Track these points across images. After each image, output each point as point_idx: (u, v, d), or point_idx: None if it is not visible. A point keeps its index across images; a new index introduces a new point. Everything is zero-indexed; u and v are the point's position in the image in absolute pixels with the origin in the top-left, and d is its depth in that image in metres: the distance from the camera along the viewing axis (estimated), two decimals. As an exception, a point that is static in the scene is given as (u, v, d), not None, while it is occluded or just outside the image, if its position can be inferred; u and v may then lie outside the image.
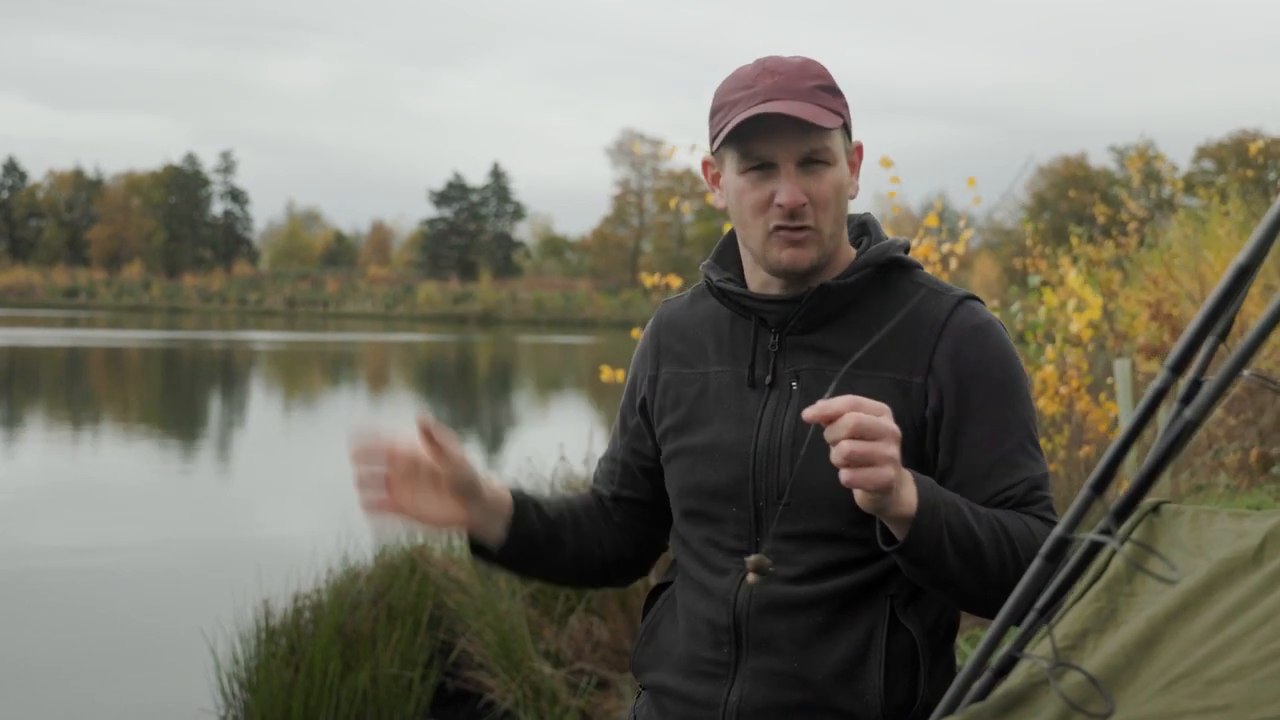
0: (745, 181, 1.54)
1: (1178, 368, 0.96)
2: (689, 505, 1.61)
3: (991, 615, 1.49)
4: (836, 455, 1.32)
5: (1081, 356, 7.11)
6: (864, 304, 1.57)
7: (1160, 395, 0.98)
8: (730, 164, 1.55)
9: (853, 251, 1.62)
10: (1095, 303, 7.17)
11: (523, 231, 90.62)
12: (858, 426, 1.30)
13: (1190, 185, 13.53)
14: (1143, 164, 12.50)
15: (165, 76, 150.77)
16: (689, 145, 6.16)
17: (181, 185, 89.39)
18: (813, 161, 1.51)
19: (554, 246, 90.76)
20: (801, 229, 1.52)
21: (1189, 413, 0.94)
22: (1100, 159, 62.24)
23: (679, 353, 1.66)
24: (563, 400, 25.09)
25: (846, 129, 1.55)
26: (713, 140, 1.56)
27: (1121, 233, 12.05)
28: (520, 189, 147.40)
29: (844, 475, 1.32)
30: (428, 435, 1.49)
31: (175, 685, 6.24)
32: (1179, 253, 11.07)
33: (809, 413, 1.34)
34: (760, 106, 1.49)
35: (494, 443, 17.26)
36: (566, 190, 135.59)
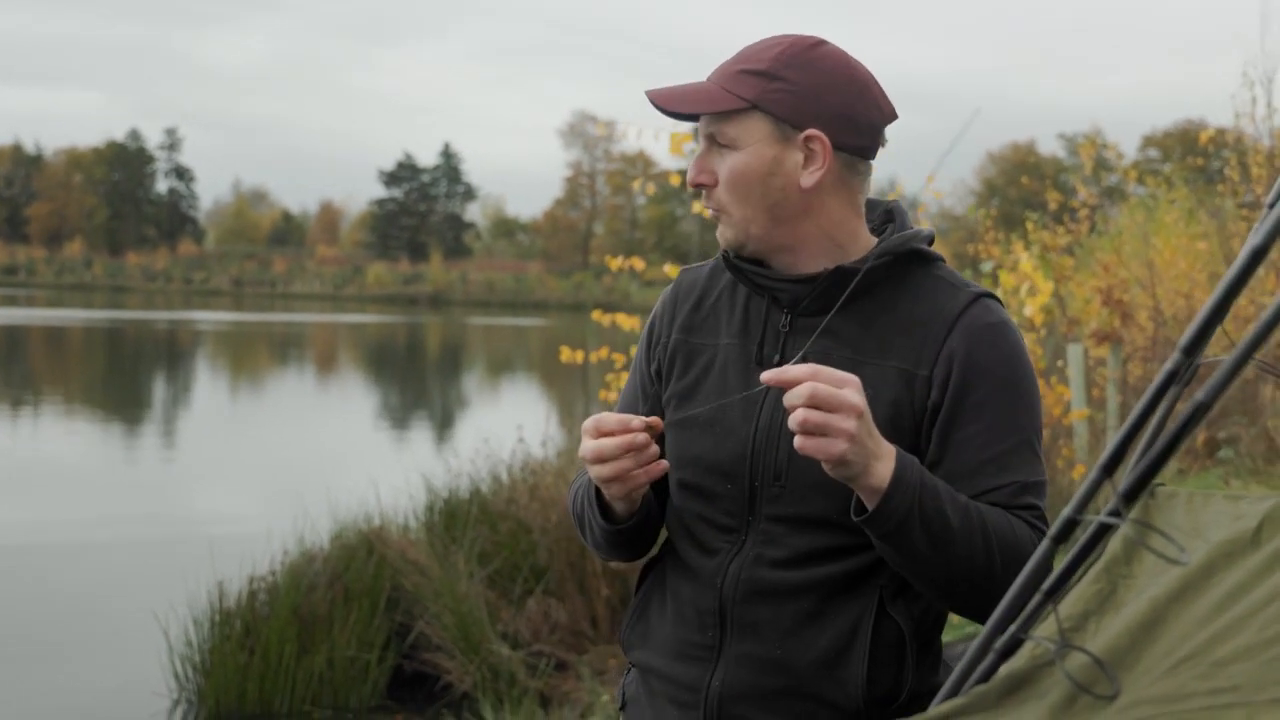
0: None
1: (1191, 350, 0.95)
2: (685, 477, 1.60)
3: (955, 605, 1.49)
4: (791, 422, 1.34)
5: (1036, 342, 7.17)
6: (877, 292, 1.55)
7: (1172, 377, 0.97)
8: None
9: (872, 239, 1.59)
10: (1046, 288, 7.22)
11: (473, 213, 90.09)
12: (813, 395, 1.33)
13: (1141, 175, 13.69)
14: (1094, 151, 12.66)
15: (108, 51, 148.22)
16: (654, 130, 6.11)
17: (125, 162, 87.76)
18: (715, 142, 1.54)
19: (505, 228, 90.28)
20: (719, 209, 1.56)
21: (1201, 395, 0.94)
22: (1049, 146, 62.94)
23: (693, 322, 1.65)
24: (515, 382, 25.02)
25: (773, 113, 1.50)
26: None
27: (1073, 219, 12.18)
28: (471, 170, 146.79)
29: (797, 442, 1.35)
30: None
31: (127, 669, 6.16)
32: (1129, 240, 11.22)
33: (767, 375, 1.37)
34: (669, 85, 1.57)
35: (446, 424, 17.16)
36: (518, 172, 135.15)
